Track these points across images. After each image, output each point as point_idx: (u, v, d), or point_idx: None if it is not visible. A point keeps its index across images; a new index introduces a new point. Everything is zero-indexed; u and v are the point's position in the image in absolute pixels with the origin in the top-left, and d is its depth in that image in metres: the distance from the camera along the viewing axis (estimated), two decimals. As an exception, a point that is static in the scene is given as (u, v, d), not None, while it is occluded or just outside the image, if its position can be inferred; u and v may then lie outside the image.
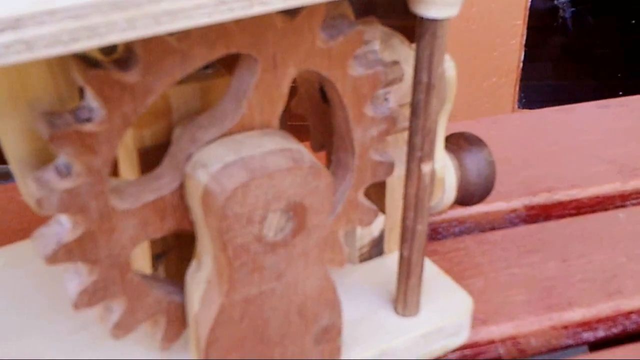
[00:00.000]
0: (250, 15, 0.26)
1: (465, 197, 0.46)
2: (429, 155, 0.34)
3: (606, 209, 0.51)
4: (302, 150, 0.31)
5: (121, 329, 0.33)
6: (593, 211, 0.51)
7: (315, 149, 0.42)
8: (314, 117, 0.41)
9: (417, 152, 0.34)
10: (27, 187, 0.31)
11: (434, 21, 0.31)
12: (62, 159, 0.29)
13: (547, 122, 0.59)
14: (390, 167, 0.37)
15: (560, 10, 1.99)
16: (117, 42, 0.24)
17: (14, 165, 0.33)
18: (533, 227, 0.49)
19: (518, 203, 0.51)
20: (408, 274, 0.37)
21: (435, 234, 0.49)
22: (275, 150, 0.30)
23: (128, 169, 0.36)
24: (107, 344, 0.37)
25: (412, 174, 0.35)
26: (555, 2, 2.02)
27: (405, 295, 0.38)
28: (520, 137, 0.58)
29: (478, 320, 0.42)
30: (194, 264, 0.33)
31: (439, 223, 0.50)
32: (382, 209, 0.41)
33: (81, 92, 0.31)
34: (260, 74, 0.31)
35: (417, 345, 0.38)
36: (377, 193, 0.41)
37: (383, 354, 0.37)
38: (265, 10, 0.26)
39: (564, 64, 1.69)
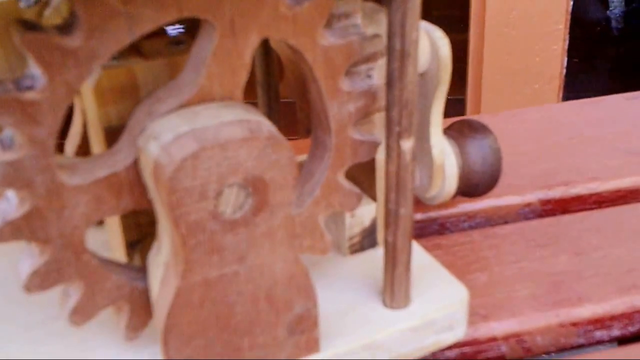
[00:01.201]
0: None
1: (469, 187, 0.43)
2: (408, 131, 0.32)
3: (628, 203, 0.48)
4: (263, 122, 0.29)
5: (79, 315, 0.31)
6: (614, 205, 0.48)
7: (304, 133, 0.40)
8: (300, 99, 0.39)
9: (395, 127, 0.32)
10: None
11: (403, -19, 0.29)
12: (8, 131, 0.28)
13: (570, 114, 0.56)
14: (373, 147, 0.34)
15: (613, 22, 1.94)
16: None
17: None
18: (546, 221, 0.46)
19: (532, 197, 0.48)
20: (394, 262, 0.35)
21: (443, 229, 0.47)
22: (232, 121, 0.28)
23: (98, 149, 0.34)
24: (79, 333, 0.35)
25: (392, 151, 0.32)
26: (608, 13, 1.97)
27: (392, 286, 0.35)
28: (541, 129, 0.54)
29: (478, 315, 0.39)
30: (154, 246, 0.31)
31: (447, 217, 0.47)
32: (373, 196, 0.39)
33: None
34: (219, 40, 0.29)
35: (406, 339, 0.35)
36: (368, 179, 0.39)
37: (368, 347, 0.34)
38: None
39: (616, 76, 1.64)
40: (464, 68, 1.24)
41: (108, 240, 0.39)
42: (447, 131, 0.43)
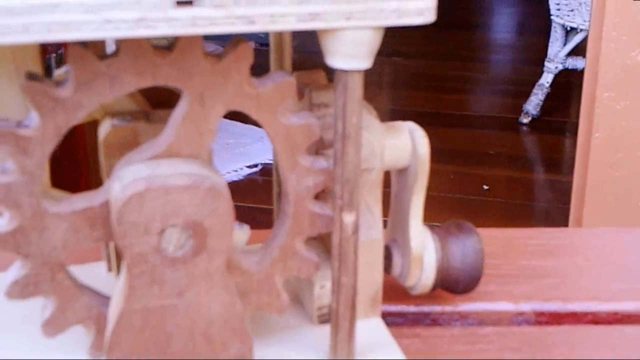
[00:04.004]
0: (135, 36, 0.30)
1: (449, 283, 0.46)
2: (350, 205, 0.36)
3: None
4: (211, 177, 0.34)
5: (51, 327, 0.37)
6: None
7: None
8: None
9: (338, 201, 0.36)
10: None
11: (344, 72, 0.34)
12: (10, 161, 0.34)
13: (601, 240, 0.57)
14: (329, 221, 0.38)
15: None
16: (15, 44, 0.29)
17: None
18: (530, 329, 0.47)
19: (527, 307, 0.50)
20: (337, 328, 0.38)
21: (435, 324, 0.49)
22: (183, 172, 0.34)
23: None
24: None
25: (336, 223, 0.36)
26: None
27: (335, 350, 0.38)
28: (564, 251, 0.56)
29: (428, 399, 0.41)
30: (119, 276, 0.36)
31: (440, 314, 0.49)
32: (345, 273, 0.42)
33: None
34: (189, 106, 0.35)
35: (342, 403, 0.38)
36: (341, 257, 0.42)
37: (303, 404, 0.37)
38: (150, 33, 0.30)
39: None
40: (567, 208, 1.25)
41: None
42: (435, 228, 0.46)
